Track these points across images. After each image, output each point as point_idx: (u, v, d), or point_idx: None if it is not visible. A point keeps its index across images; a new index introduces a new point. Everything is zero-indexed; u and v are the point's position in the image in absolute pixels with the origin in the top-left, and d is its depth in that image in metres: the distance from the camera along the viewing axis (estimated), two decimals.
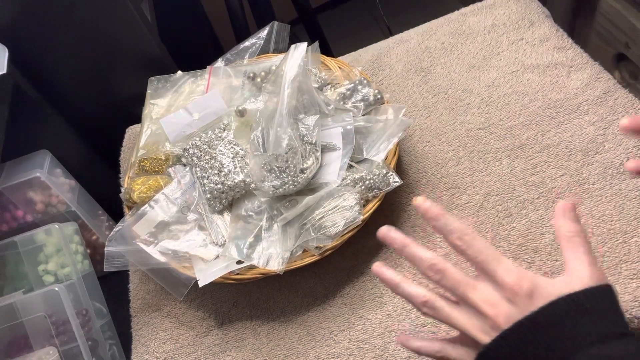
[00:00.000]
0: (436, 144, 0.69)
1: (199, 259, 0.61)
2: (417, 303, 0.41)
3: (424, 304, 0.40)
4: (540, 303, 0.36)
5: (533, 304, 0.36)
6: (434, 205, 0.41)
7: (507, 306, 0.37)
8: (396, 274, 0.42)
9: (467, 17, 0.80)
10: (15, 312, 0.66)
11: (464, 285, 0.39)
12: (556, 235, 0.41)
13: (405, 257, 0.41)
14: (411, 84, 0.76)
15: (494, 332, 0.37)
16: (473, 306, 0.38)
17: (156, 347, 0.64)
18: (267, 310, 0.63)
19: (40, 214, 0.77)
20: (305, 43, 0.65)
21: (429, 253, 0.40)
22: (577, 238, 0.39)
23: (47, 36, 0.80)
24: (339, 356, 0.57)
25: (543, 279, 0.38)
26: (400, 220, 0.64)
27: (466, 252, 0.39)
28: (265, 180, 0.60)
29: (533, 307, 0.36)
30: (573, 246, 0.39)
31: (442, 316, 0.40)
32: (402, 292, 0.42)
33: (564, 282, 0.37)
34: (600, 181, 0.60)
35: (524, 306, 0.36)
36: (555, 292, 0.36)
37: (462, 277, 0.39)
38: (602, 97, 0.66)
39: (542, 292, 0.36)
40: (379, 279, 0.43)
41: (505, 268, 0.38)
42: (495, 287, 0.38)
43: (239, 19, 1.15)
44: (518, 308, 0.36)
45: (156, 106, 0.73)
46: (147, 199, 0.65)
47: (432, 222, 0.41)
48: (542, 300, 0.36)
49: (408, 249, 0.41)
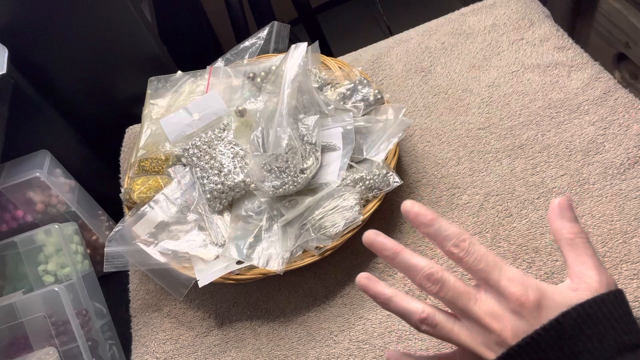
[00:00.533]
0: (436, 144, 0.69)
1: (199, 259, 0.61)
2: (415, 320, 0.36)
3: (423, 321, 0.36)
4: (549, 314, 0.33)
5: (541, 315, 0.33)
6: (425, 209, 0.37)
7: (513, 319, 0.34)
8: (386, 286, 0.38)
9: (467, 17, 0.80)
10: (15, 312, 0.66)
11: (466, 297, 0.35)
12: (555, 237, 0.37)
13: (397, 267, 0.37)
14: (411, 83, 0.76)
15: (499, 348, 0.34)
16: (476, 320, 0.35)
17: (156, 347, 0.64)
18: (267, 310, 0.63)
19: (40, 214, 0.77)
20: (305, 43, 0.65)
21: (425, 261, 0.36)
22: (579, 239, 0.36)
23: (47, 36, 0.80)
24: (339, 356, 0.57)
25: (549, 287, 0.35)
26: (401, 220, 0.64)
27: (464, 260, 0.35)
28: (265, 180, 0.60)
29: (542, 320, 0.33)
30: (576, 249, 0.36)
31: (443, 333, 0.36)
32: (396, 308, 0.37)
33: (571, 290, 0.34)
34: (600, 181, 0.60)
35: (532, 319, 0.33)
36: (564, 302, 0.33)
37: (464, 288, 0.35)
38: (603, 97, 0.66)
39: (549, 302, 0.33)
40: (367, 294, 0.38)
41: (509, 276, 0.34)
42: (499, 298, 0.35)
43: (239, 19, 1.15)
44: (525, 321, 0.33)
45: (156, 106, 0.73)
46: (147, 199, 0.65)
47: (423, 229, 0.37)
48: (550, 311, 0.33)
49: (401, 257, 0.37)
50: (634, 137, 0.62)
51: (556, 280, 0.55)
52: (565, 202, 0.37)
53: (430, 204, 0.64)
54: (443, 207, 0.63)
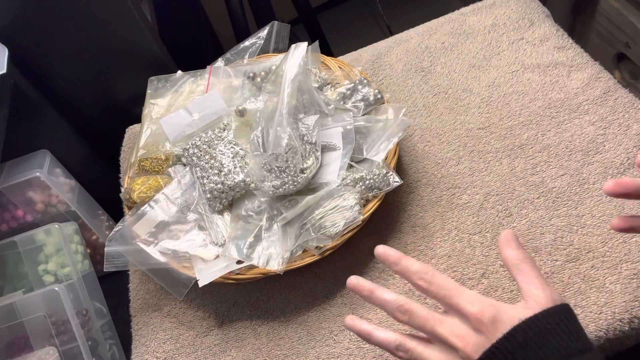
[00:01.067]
0: (436, 144, 0.69)
1: (199, 259, 0.61)
2: (391, 348, 0.42)
3: (397, 347, 0.41)
4: (504, 329, 0.37)
5: (498, 329, 0.37)
6: (391, 250, 0.43)
7: (474, 336, 0.38)
8: (368, 324, 0.44)
9: (467, 16, 0.80)
10: (15, 312, 0.66)
11: (432, 321, 0.40)
12: (505, 265, 0.42)
13: (373, 303, 0.43)
14: (411, 83, 0.76)
15: None
16: (443, 340, 0.39)
17: (156, 347, 0.64)
18: (267, 310, 0.63)
19: (40, 214, 0.77)
20: (306, 43, 0.65)
21: (394, 295, 0.42)
22: (524, 264, 0.41)
23: (47, 36, 0.80)
24: (339, 356, 0.57)
25: (504, 305, 0.39)
26: (400, 220, 0.64)
27: (429, 290, 0.41)
28: (265, 180, 0.60)
29: (498, 334, 0.37)
30: (522, 272, 0.41)
31: (416, 356, 0.41)
32: (376, 340, 0.43)
33: (523, 306, 0.39)
34: (600, 181, 0.60)
35: (490, 334, 0.37)
36: (517, 316, 0.37)
37: (429, 314, 0.40)
38: (603, 97, 0.66)
39: (504, 317, 0.38)
40: (353, 332, 0.44)
41: (467, 299, 0.39)
42: (462, 319, 0.39)
43: (239, 19, 1.15)
44: (485, 336, 0.38)
45: (156, 106, 0.73)
46: (147, 199, 0.65)
47: (393, 267, 0.43)
48: (505, 325, 0.37)
49: (375, 295, 0.43)
50: (634, 137, 0.62)
51: (556, 279, 0.55)
52: (510, 233, 0.43)
53: (430, 204, 0.64)
54: (443, 207, 0.63)
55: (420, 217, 0.63)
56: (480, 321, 0.38)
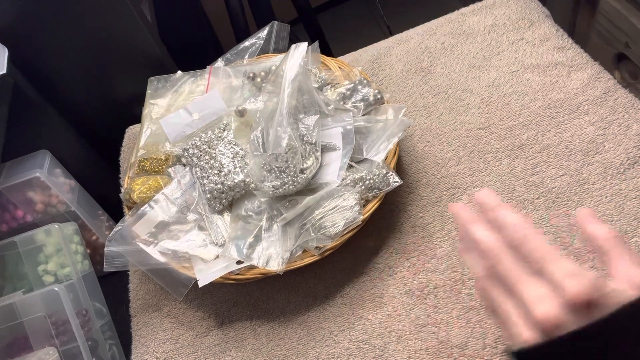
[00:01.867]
0: (436, 144, 0.69)
1: (198, 259, 0.61)
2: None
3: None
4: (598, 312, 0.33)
5: (591, 312, 0.33)
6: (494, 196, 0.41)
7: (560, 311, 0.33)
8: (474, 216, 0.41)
9: (467, 17, 0.80)
10: (15, 312, 0.66)
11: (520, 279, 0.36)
12: (592, 239, 0.38)
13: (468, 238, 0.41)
14: (411, 84, 0.76)
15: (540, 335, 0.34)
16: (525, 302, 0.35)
17: (156, 347, 0.64)
18: (267, 310, 0.63)
19: (40, 214, 0.77)
20: (306, 43, 0.64)
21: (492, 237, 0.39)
22: (616, 239, 0.37)
23: (47, 36, 0.80)
24: (339, 356, 0.57)
25: (604, 282, 0.34)
26: (400, 220, 0.64)
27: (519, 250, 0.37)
28: (265, 180, 0.60)
29: (591, 316, 0.33)
30: (615, 248, 0.37)
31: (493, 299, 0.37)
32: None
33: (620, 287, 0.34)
34: (600, 181, 0.60)
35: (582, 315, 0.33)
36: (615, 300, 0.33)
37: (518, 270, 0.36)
38: (602, 97, 0.66)
39: (600, 300, 0.33)
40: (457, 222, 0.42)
41: (565, 270, 0.34)
42: (552, 287, 0.35)
43: (239, 19, 1.15)
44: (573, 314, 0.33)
45: (156, 106, 0.73)
46: (147, 199, 0.65)
47: (487, 214, 0.40)
48: (600, 309, 0.33)
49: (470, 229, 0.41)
50: (633, 137, 0.62)
51: None
52: (591, 211, 0.39)
53: (430, 204, 0.64)
54: (443, 207, 0.63)
55: (420, 217, 0.63)
56: (574, 299, 0.33)
